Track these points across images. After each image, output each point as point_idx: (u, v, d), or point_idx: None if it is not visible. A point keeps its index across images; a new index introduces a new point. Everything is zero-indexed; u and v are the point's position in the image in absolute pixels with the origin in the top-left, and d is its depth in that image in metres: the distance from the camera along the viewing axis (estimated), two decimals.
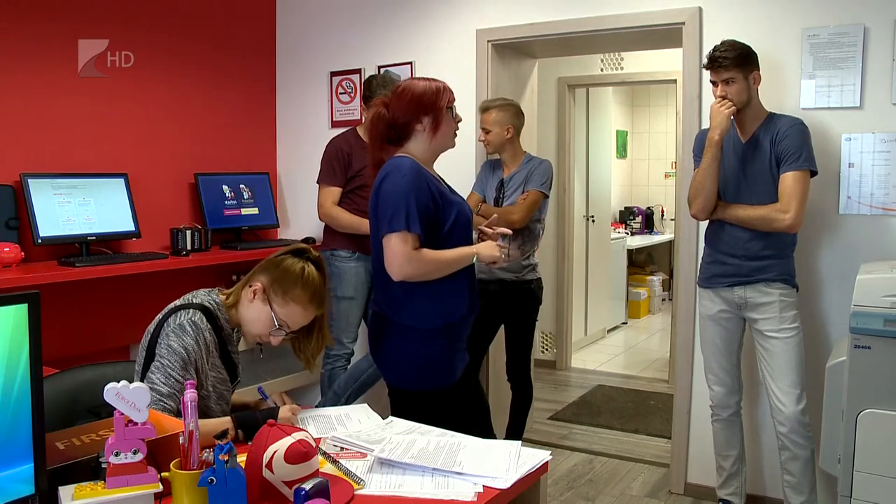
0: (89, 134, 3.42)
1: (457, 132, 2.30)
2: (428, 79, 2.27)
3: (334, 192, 3.57)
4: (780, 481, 2.83)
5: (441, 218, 2.18)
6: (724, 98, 2.70)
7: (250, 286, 1.91)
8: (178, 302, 1.89)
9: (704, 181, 2.74)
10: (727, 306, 2.83)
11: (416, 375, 2.24)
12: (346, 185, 3.58)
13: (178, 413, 1.72)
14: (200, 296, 1.91)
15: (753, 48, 2.74)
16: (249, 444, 1.46)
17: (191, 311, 1.83)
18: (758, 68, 2.73)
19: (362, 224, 3.51)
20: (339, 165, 3.56)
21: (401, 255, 2.10)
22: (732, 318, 2.84)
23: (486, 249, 2.25)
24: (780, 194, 2.65)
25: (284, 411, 1.87)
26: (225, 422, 1.75)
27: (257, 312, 1.89)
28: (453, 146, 2.31)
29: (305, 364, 2.01)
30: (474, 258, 2.24)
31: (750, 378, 3.03)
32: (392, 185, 2.13)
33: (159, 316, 1.86)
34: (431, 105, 2.20)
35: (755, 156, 2.74)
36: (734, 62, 2.66)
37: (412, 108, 2.20)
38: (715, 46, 2.73)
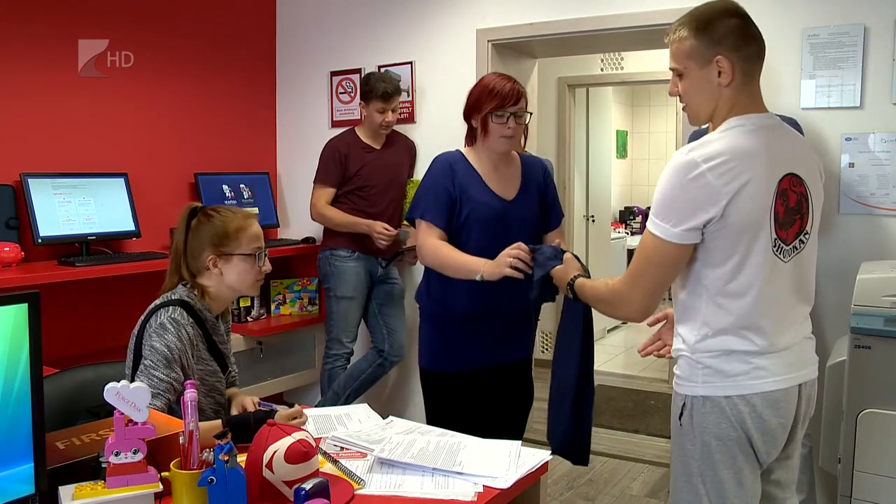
0: (89, 134, 3.42)
1: (507, 135, 2.29)
2: (496, 76, 2.34)
3: (327, 192, 3.58)
4: None
5: (455, 213, 2.31)
6: None
7: (207, 269, 1.92)
8: (158, 301, 1.90)
9: None
10: None
11: (424, 355, 2.45)
12: (345, 185, 3.59)
13: (167, 412, 1.72)
14: (179, 291, 1.92)
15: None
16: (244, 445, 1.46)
17: (170, 308, 1.84)
18: None
19: (353, 222, 3.52)
20: (334, 166, 3.57)
21: (419, 242, 2.34)
22: None
23: (491, 268, 2.17)
24: None
25: (280, 417, 1.82)
26: (216, 425, 1.72)
27: (233, 271, 1.93)
28: (502, 149, 2.34)
29: None
30: (479, 276, 2.17)
31: None
32: (424, 176, 2.39)
33: (142, 317, 1.88)
34: (475, 108, 2.32)
35: None
36: None
37: (467, 107, 2.36)
38: None
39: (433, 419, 2.40)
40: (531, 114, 2.40)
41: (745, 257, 1.53)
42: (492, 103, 2.27)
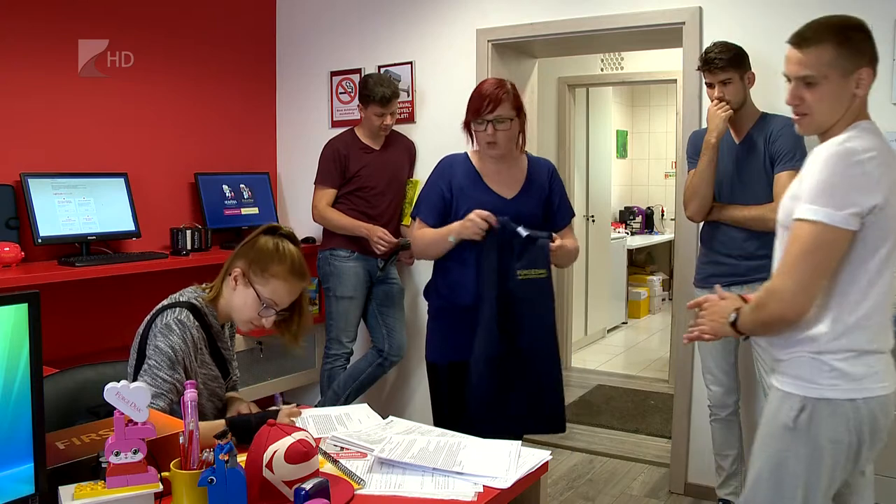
0: (89, 134, 3.42)
1: (489, 142, 2.35)
2: (486, 83, 2.40)
3: (328, 193, 3.58)
4: None
5: (452, 211, 2.41)
6: (721, 100, 2.70)
7: (230, 274, 1.91)
8: (165, 301, 1.90)
9: (701, 184, 2.74)
10: None
11: (429, 349, 2.56)
12: (345, 186, 3.59)
13: (168, 413, 1.72)
14: (187, 294, 1.92)
15: (753, 48, 2.74)
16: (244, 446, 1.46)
17: (177, 309, 1.83)
18: (751, 68, 2.74)
19: (354, 226, 3.53)
20: (335, 167, 3.57)
21: (411, 238, 2.52)
22: None
23: (458, 228, 2.33)
24: (775, 194, 2.65)
25: (283, 415, 1.84)
26: (218, 425, 1.73)
27: (242, 297, 1.89)
28: (489, 154, 2.39)
29: (290, 342, 2.00)
30: (451, 237, 2.34)
31: (748, 377, 3.03)
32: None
33: (148, 317, 1.87)
34: (466, 118, 2.40)
35: (749, 156, 2.74)
36: (730, 63, 2.67)
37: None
38: (707, 48, 2.75)
39: (438, 414, 2.46)
40: (512, 119, 2.36)
41: (889, 254, 1.54)
42: (471, 113, 2.35)
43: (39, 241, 3.09)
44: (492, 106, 2.31)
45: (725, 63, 2.67)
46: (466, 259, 2.36)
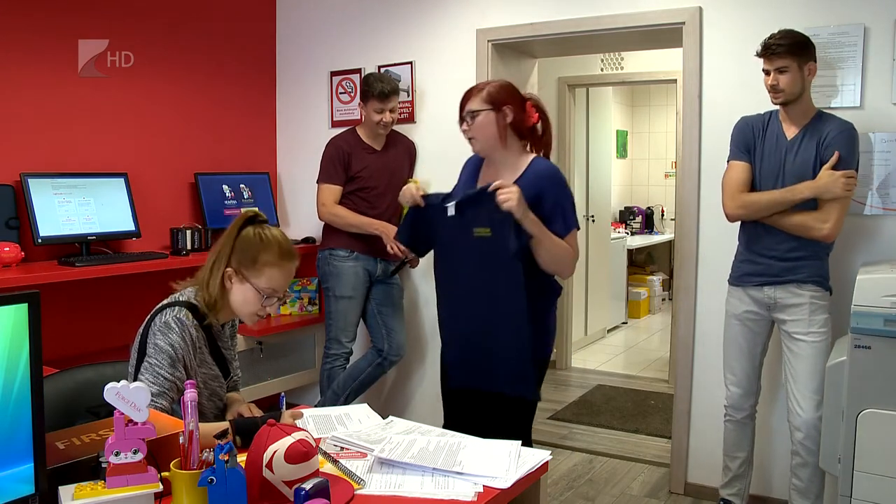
0: (89, 134, 3.42)
1: (467, 138, 2.35)
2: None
3: (335, 190, 3.57)
4: (788, 484, 2.81)
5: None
6: (774, 88, 2.60)
7: (224, 276, 1.89)
8: (165, 301, 1.90)
9: (763, 209, 2.64)
10: (756, 307, 2.76)
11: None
12: (346, 185, 3.58)
13: (170, 412, 1.72)
14: (187, 293, 1.91)
15: (753, 48, 2.71)
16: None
17: (176, 308, 1.83)
18: (814, 59, 2.62)
19: (366, 223, 3.51)
20: (339, 165, 3.56)
21: None
22: (760, 319, 2.77)
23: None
24: (821, 202, 2.57)
25: (286, 417, 1.85)
26: (223, 426, 1.74)
27: (241, 294, 1.89)
28: (474, 150, 2.38)
29: None
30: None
31: (769, 381, 3.00)
32: None
33: (148, 316, 1.87)
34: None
35: (799, 155, 2.64)
36: (789, 50, 2.56)
37: None
38: (771, 34, 2.64)
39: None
40: (482, 111, 2.28)
41: None
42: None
43: (39, 241, 3.09)
44: (464, 100, 2.33)
45: (784, 50, 2.56)
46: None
